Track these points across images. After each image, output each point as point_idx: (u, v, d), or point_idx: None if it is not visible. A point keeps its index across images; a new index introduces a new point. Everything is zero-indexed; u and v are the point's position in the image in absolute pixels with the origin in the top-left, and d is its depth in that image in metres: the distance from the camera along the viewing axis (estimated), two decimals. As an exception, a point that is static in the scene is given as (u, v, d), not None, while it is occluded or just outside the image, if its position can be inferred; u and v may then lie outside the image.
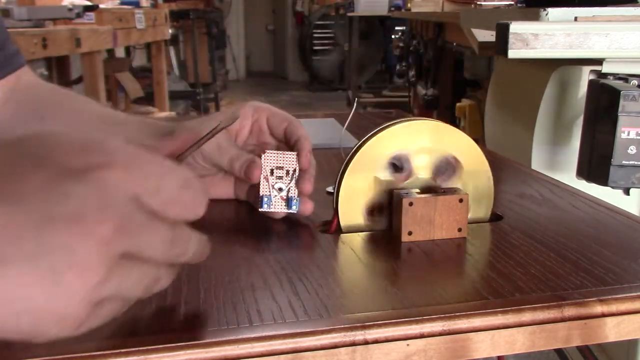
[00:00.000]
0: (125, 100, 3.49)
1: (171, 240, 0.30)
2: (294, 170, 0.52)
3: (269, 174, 0.52)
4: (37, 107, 0.66)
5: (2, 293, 0.26)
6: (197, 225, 0.53)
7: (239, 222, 0.54)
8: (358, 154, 0.48)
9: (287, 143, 0.55)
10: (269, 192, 0.51)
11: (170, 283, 0.32)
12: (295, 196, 0.51)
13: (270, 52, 8.79)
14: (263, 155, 0.52)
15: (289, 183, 0.51)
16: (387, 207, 0.50)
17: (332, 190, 0.50)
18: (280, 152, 0.52)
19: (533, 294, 0.38)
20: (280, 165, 0.52)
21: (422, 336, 0.35)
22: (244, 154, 0.53)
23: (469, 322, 0.35)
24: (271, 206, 0.51)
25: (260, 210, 0.52)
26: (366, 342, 0.34)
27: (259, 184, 0.52)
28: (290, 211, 0.51)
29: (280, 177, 0.52)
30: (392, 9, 4.49)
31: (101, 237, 0.27)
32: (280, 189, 0.51)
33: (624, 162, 0.82)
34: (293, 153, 0.52)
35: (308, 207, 0.52)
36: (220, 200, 0.58)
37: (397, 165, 0.49)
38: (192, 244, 0.32)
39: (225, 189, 0.58)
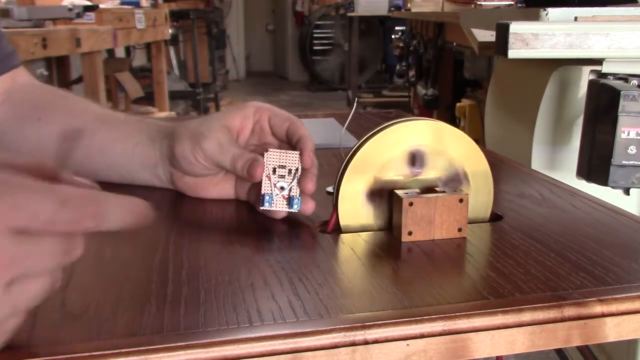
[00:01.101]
0: (125, 100, 3.49)
1: (64, 251, 0.30)
2: (296, 170, 0.52)
3: (271, 172, 0.52)
4: (34, 108, 0.65)
5: None
6: (197, 225, 0.53)
7: (239, 222, 0.54)
8: (358, 154, 0.48)
9: (289, 143, 0.55)
10: (271, 190, 0.51)
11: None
12: (297, 195, 0.51)
13: (270, 52, 8.79)
14: (266, 154, 0.52)
15: (291, 182, 0.51)
16: (387, 207, 0.50)
17: (332, 190, 0.50)
18: (283, 151, 0.52)
19: (533, 294, 0.38)
20: (282, 164, 0.52)
21: (422, 336, 0.35)
22: (246, 153, 0.53)
23: (469, 322, 0.35)
24: (272, 205, 0.51)
25: (261, 208, 0.51)
26: (366, 342, 0.34)
27: (260, 182, 0.52)
28: (291, 210, 0.51)
29: (283, 176, 0.52)
30: (392, 9, 4.49)
31: None
32: (282, 188, 0.51)
33: (624, 162, 0.82)
34: (296, 152, 0.52)
35: (309, 207, 0.52)
36: (220, 200, 0.58)
37: (415, 160, 0.49)
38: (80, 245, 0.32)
39: (226, 189, 0.58)
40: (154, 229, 0.52)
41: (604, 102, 0.83)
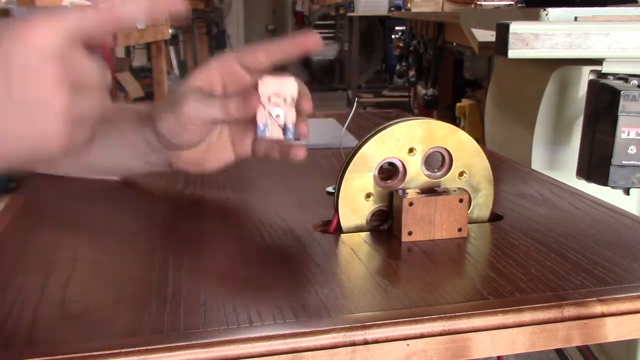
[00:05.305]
0: (125, 100, 3.49)
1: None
2: (292, 98, 0.50)
3: (266, 101, 0.50)
4: None
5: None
6: (197, 224, 0.53)
7: (239, 222, 0.54)
8: (358, 153, 0.48)
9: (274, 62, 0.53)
10: (266, 119, 0.50)
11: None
12: (292, 123, 0.50)
13: (270, 52, 8.78)
14: (260, 82, 0.50)
15: (287, 110, 0.50)
16: (387, 207, 0.50)
17: (332, 190, 0.50)
18: (278, 78, 0.50)
19: (533, 294, 0.38)
20: (277, 91, 0.50)
21: (422, 336, 0.35)
22: (233, 96, 0.51)
23: (469, 322, 0.35)
24: (268, 132, 0.50)
25: (257, 137, 0.51)
26: (366, 342, 0.34)
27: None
28: (287, 137, 0.50)
29: (277, 104, 0.50)
30: (392, 9, 4.50)
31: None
32: (278, 116, 0.50)
33: (624, 162, 0.82)
34: (291, 78, 0.51)
35: (304, 128, 0.50)
36: (220, 199, 0.58)
37: (391, 170, 0.49)
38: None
39: (225, 153, 0.56)
40: (154, 228, 0.52)
41: (604, 102, 0.83)
